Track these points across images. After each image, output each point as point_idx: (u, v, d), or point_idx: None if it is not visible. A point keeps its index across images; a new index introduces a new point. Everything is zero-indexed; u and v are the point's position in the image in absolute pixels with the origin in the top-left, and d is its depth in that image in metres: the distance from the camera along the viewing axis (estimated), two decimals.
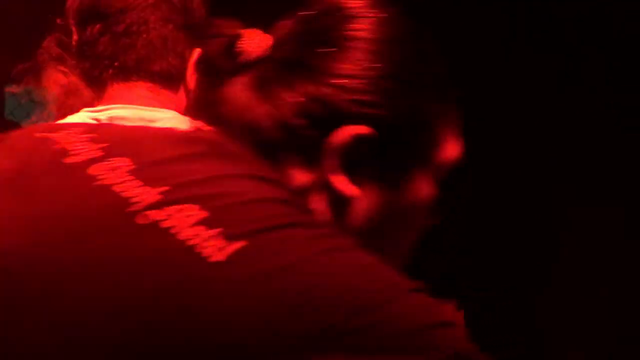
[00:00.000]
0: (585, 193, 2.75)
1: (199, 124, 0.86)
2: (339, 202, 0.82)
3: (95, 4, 1.47)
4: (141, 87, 1.46)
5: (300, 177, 0.81)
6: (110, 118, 1.42)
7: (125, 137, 0.82)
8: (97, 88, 1.49)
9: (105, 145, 0.79)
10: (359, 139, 0.80)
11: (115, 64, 1.46)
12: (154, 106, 1.45)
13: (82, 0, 1.49)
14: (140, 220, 0.71)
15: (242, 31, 0.85)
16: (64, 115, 1.66)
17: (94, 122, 1.41)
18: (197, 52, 1.48)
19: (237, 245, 0.69)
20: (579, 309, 2.74)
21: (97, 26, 1.46)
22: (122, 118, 1.42)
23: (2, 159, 0.82)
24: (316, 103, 0.80)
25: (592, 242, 2.73)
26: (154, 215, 0.71)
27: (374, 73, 0.81)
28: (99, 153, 0.78)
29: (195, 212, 0.72)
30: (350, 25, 0.83)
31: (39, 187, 0.78)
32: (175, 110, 1.46)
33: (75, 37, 1.50)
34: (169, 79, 1.47)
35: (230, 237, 0.70)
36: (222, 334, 0.66)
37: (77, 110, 1.59)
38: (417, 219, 0.87)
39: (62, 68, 2.05)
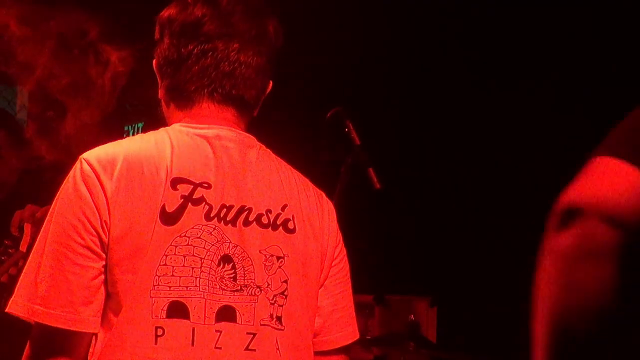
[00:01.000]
0: None
1: None
2: None
3: (200, 25, 1.54)
4: (229, 111, 1.56)
5: None
6: (219, 137, 1.53)
7: None
8: (184, 101, 1.56)
9: None
10: None
11: (213, 85, 1.54)
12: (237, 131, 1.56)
13: (186, 16, 1.55)
14: None
15: None
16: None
17: (200, 138, 1.52)
18: (270, 85, 1.62)
19: None
20: None
21: (200, 46, 1.53)
22: (229, 139, 1.54)
23: None
24: None
25: None
26: None
27: None
28: None
29: None
30: None
31: None
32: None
33: (172, 48, 1.55)
34: (249, 107, 1.58)
35: None
36: None
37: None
38: None
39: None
